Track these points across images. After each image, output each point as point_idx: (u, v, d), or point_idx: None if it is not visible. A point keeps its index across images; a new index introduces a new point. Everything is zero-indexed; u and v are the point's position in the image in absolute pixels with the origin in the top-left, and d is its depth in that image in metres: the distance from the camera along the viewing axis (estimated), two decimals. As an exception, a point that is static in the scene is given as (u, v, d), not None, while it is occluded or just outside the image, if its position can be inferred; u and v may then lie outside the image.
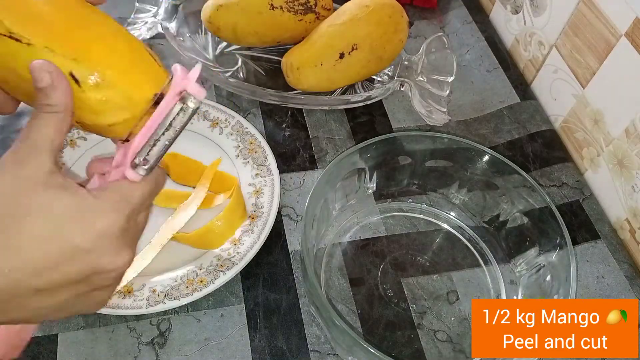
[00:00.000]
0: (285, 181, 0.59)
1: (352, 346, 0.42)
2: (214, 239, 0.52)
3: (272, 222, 0.53)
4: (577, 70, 0.62)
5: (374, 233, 0.56)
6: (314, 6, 0.63)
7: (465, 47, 0.74)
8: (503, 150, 0.63)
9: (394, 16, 0.60)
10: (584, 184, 0.61)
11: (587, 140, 0.61)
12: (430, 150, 0.55)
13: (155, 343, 0.48)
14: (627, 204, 0.57)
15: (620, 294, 0.53)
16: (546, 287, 0.48)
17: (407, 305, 0.51)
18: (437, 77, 0.63)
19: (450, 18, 0.77)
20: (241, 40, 0.65)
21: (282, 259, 0.53)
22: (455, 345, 0.49)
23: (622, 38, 0.54)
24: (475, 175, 0.54)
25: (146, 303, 0.47)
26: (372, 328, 0.50)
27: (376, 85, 0.66)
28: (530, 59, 0.70)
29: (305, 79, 0.62)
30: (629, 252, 0.57)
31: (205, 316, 0.49)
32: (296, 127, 0.63)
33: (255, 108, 0.65)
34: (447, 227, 0.57)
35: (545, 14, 0.66)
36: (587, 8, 0.59)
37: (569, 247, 0.46)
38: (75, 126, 0.32)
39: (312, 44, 0.61)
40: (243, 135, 0.59)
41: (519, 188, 0.51)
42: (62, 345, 0.47)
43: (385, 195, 0.58)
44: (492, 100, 0.68)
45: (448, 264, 0.54)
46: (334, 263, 0.53)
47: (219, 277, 0.49)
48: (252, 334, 0.49)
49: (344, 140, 0.63)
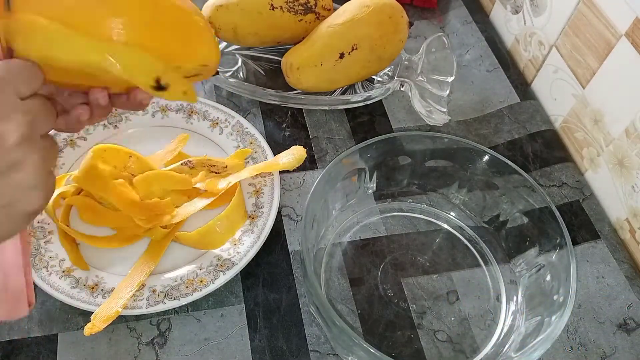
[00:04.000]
0: (285, 181, 0.59)
1: (352, 346, 0.42)
2: (214, 239, 0.52)
3: (272, 222, 0.53)
4: (577, 70, 0.62)
5: (374, 233, 0.56)
6: (314, 6, 0.63)
7: (465, 47, 0.74)
8: (503, 150, 0.63)
9: (394, 16, 0.60)
10: (584, 184, 0.61)
11: (587, 140, 0.61)
12: (430, 150, 0.55)
13: (155, 343, 0.48)
14: (627, 204, 0.57)
15: (620, 294, 0.53)
16: (546, 287, 0.48)
17: (407, 305, 0.51)
18: (437, 77, 0.63)
19: (450, 18, 0.77)
20: (241, 40, 0.65)
21: (282, 259, 0.53)
22: (455, 345, 0.49)
23: (622, 38, 0.54)
24: (475, 175, 0.54)
25: (146, 303, 0.47)
26: (372, 328, 0.50)
27: (376, 85, 0.66)
28: (530, 59, 0.70)
29: (305, 79, 0.62)
30: (629, 252, 0.57)
31: (205, 316, 0.49)
32: (296, 127, 0.63)
33: (255, 108, 0.65)
34: (447, 227, 0.57)
35: (545, 14, 0.66)
36: (587, 8, 0.59)
37: (569, 247, 0.46)
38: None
39: (312, 44, 0.61)
40: (243, 135, 0.59)
41: (519, 188, 0.51)
42: (62, 345, 0.47)
43: (385, 195, 0.58)
44: (492, 100, 0.68)
45: (448, 264, 0.54)
46: (334, 263, 0.53)
47: (219, 277, 0.49)
48: (252, 334, 0.49)
49: (344, 140, 0.63)
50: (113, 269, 0.51)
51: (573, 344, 0.50)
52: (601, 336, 0.50)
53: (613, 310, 0.52)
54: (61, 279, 0.48)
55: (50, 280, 0.48)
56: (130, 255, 0.51)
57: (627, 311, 0.52)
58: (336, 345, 0.47)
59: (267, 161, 0.57)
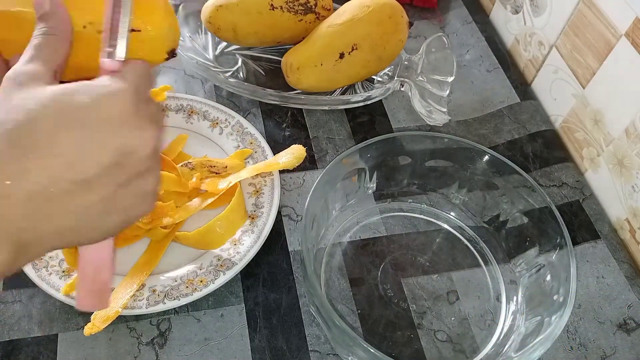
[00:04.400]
0: (285, 181, 0.59)
1: (352, 346, 0.42)
2: (214, 239, 0.52)
3: (272, 222, 0.53)
4: (577, 70, 0.62)
5: (374, 233, 0.56)
6: (314, 6, 0.63)
7: (465, 47, 0.74)
8: (503, 150, 0.63)
9: (394, 16, 0.60)
10: (584, 184, 0.61)
11: (587, 140, 0.61)
12: (430, 150, 0.55)
13: (155, 343, 0.48)
14: (627, 204, 0.57)
15: (620, 294, 0.53)
16: (546, 287, 0.48)
17: (407, 305, 0.51)
18: (437, 77, 0.63)
19: (450, 18, 0.77)
20: (241, 40, 0.65)
21: (282, 259, 0.53)
22: (455, 345, 0.49)
23: (622, 38, 0.54)
24: (475, 175, 0.54)
25: (146, 303, 0.47)
26: (372, 328, 0.50)
27: (376, 85, 0.66)
28: (530, 59, 0.70)
29: (305, 79, 0.62)
30: (629, 252, 0.57)
31: (205, 316, 0.49)
32: (296, 127, 0.63)
33: (255, 108, 0.65)
34: (447, 227, 0.57)
35: (545, 14, 0.66)
36: (587, 8, 0.59)
37: (569, 247, 0.46)
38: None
39: (312, 44, 0.61)
40: (243, 135, 0.60)
41: (519, 188, 0.51)
42: (62, 345, 0.47)
43: (385, 195, 0.58)
44: (492, 100, 0.68)
45: (448, 264, 0.54)
46: (334, 263, 0.53)
47: (219, 277, 0.49)
48: (252, 334, 0.49)
49: (344, 140, 0.63)
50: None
51: (573, 344, 0.50)
52: (601, 336, 0.50)
53: (613, 310, 0.52)
54: (61, 279, 0.48)
55: (50, 280, 0.48)
56: (130, 255, 0.51)
57: (627, 311, 0.52)
58: (336, 345, 0.47)
59: (266, 161, 0.57)
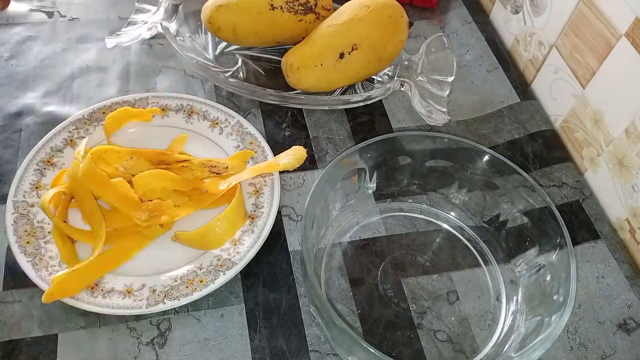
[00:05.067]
0: (285, 181, 0.59)
1: (352, 346, 0.42)
2: (214, 239, 0.52)
3: (272, 222, 0.53)
4: (577, 70, 0.62)
5: (374, 233, 0.56)
6: (314, 6, 0.63)
7: (465, 47, 0.74)
8: (503, 150, 0.63)
9: (394, 16, 0.60)
10: (584, 184, 0.61)
11: (587, 140, 0.61)
12: (430, 150, 0.55)
13: (155, 343, 0.48)
14: (627, 204, 0.57)
15: (620, 294, 0.53)
16: (546, 287, 0.48)
17: (407, 305, 0.51)
18: (437, 77, 0.63)
19: (450, 18, 0.77)
20: (241, 40, 0.65)
21: (282, 259, 0.53)
22: (455, 345, 0.49)
23: (622, 38, 0.54)
24: (475, 175, 0.54)
25: (146, 303, 0.47)
26: (372, 328, 0.50)
27: (376, 85, 0.66)
28: (530, 59, 0.70)
29: (305, 79, 0.62)
30: (629, 252, 0.57)
31: (205, 316, 0.49)
32: (296, 127, 0.63)
33: (255, 108, 0.65)
34: (447, 227, 0.57)
35: (545, 14, 0.66)
36: (587, 8, 0.59)
37: (569, 247, 0.46)
38: None
39: (312, 44, 0.61)
40: (243, 135, 0.59)
41: (519, 188, 0.51)
42: (62, 345, 0.47)
43: (385, 195, 0.58)
44: (492, 100, 0.68)
45: (448, 264, 0.54)
46: (334, 263, 0.53)
47: (219, 277, 0.49)
48: (252, 334, 0.49)
49: (344, 140, 0.63)
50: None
51: (573, 344, 0.50)
52: (601, 336, 0.50)
53: (613, 310, 0.52)
54: (61, 279, 0.48)
55: (51, 280, 0.48)
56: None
57: (627, 311, 0.52)
58: (336, 345, 0.47)
59: (267, 161, 0.57)
